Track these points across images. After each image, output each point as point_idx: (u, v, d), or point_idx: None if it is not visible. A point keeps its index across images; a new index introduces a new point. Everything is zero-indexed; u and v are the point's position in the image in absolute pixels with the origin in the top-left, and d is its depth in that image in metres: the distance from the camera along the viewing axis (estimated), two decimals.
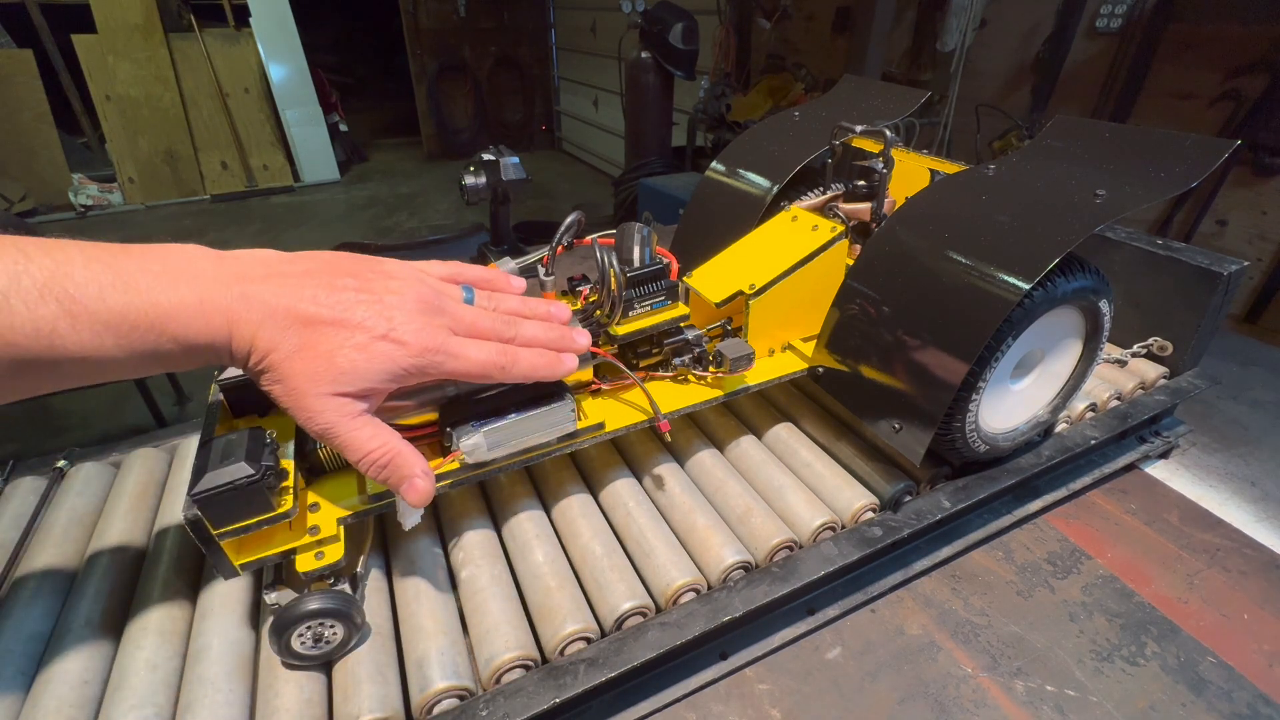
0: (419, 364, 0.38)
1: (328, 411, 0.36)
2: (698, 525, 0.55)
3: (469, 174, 1.95)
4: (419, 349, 0.38)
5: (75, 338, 0.31)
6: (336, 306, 0.36)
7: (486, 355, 0.41)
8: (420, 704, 0.42)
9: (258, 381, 0.37)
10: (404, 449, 0.39)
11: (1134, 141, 0.60)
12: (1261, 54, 1.90)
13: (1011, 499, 0.67)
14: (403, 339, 0.37)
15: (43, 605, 0.48)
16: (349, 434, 0.37)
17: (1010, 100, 2.57)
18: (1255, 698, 0.51)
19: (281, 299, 0.35)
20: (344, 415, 0.37)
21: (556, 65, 5.98)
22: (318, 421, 0.36)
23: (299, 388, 0.36)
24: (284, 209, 4.52)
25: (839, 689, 0.51)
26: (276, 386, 0.36)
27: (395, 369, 0.37)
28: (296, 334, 0.35)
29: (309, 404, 0.36)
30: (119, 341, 0.32)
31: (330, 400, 0.36)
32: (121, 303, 0.31)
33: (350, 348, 0.36)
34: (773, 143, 0.78)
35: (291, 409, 0.37)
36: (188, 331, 0.33)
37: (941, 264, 0.53)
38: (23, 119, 3.91)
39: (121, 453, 0.65)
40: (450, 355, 0.39)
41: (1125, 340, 0.80)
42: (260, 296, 0.35)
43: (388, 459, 0.39)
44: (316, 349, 0.35)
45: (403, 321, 0.37)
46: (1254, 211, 2.02)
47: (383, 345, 0.37)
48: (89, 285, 0.31)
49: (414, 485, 0.40)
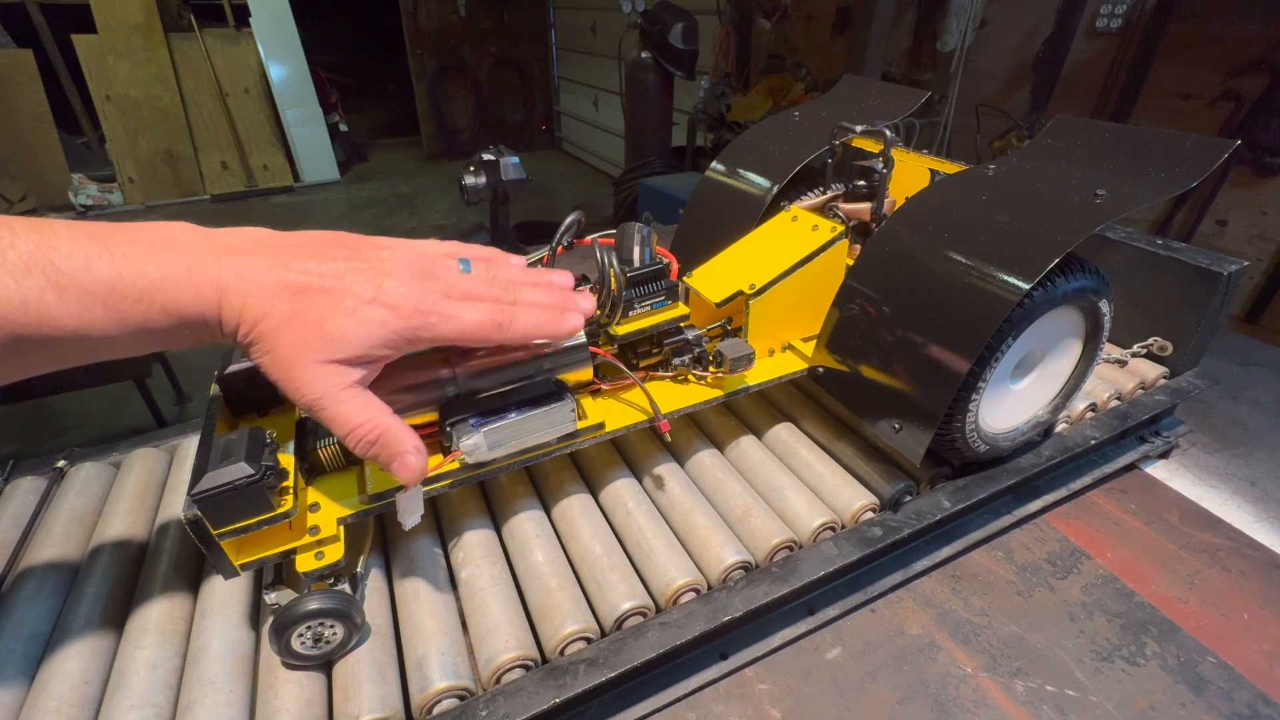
0: (411, 326, 0.37)
1: (318, 381, 0.35)
2: (698, 525, 0.55)
3: (469, 174, 1.95)
4: (410, 310, 0.37)
5: (64, 310, 0.30)
6: (327, 275, 0.36)
7: (482, 315, 0.40)
8: (420, 704, 0.42)
9: (248, 354, 0.36)
10: (394, 424, 0.38)
11: (1134, 141, 0.60)
12: (1261, 54, 1.90)
13: (1011, 499, 0.67)
14: (393, 302, 0.36)
15: (43, 605, 0.48)
16: (337, 406, 0.36)
17: (1010, 100, 2.57)
18: (1255, 698, 0.51)
19: (271, 268, 0.35)
20: (333, 386, 0.36)
21: (556, 65, 5.98)
22: (307, 393, 0.35)
23: (289, 357, 0.35)
24: (284, 209, 4.52)
25: (839, 689, 0.51)
26: (266, 358, 0.35)
27: (386, 333, 0.36)
28: (286, 302, 0.35)
29: (299, 374, 0.35)
30: (108, 313, 0.31)
31: (321, 369, 0.35)
32: (109, 273, 0.31)
33: (340, 313, 0.35)
34: (773, 143, 0.78)
35: (281, 381, 0.36)
36: (177, 301, 0.33)
37: (941, 264, 0.53)
38: (23, 119, 3.90)
39: (121, 453, 0.65)
40: (444, 317, 0.38)
41: (1125, 340, 0.80)
42: (249, 267, 0.34)
43: (376, 434, 0.38)
44: (306, 316, 0.35)
45: (394, 286, 0.37)
46: (1254, 211, 2.02)
47: (373, 309, 0.36)
48: (74, 257, 0.31)
49: (405, 462, 0.39)
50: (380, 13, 5.97)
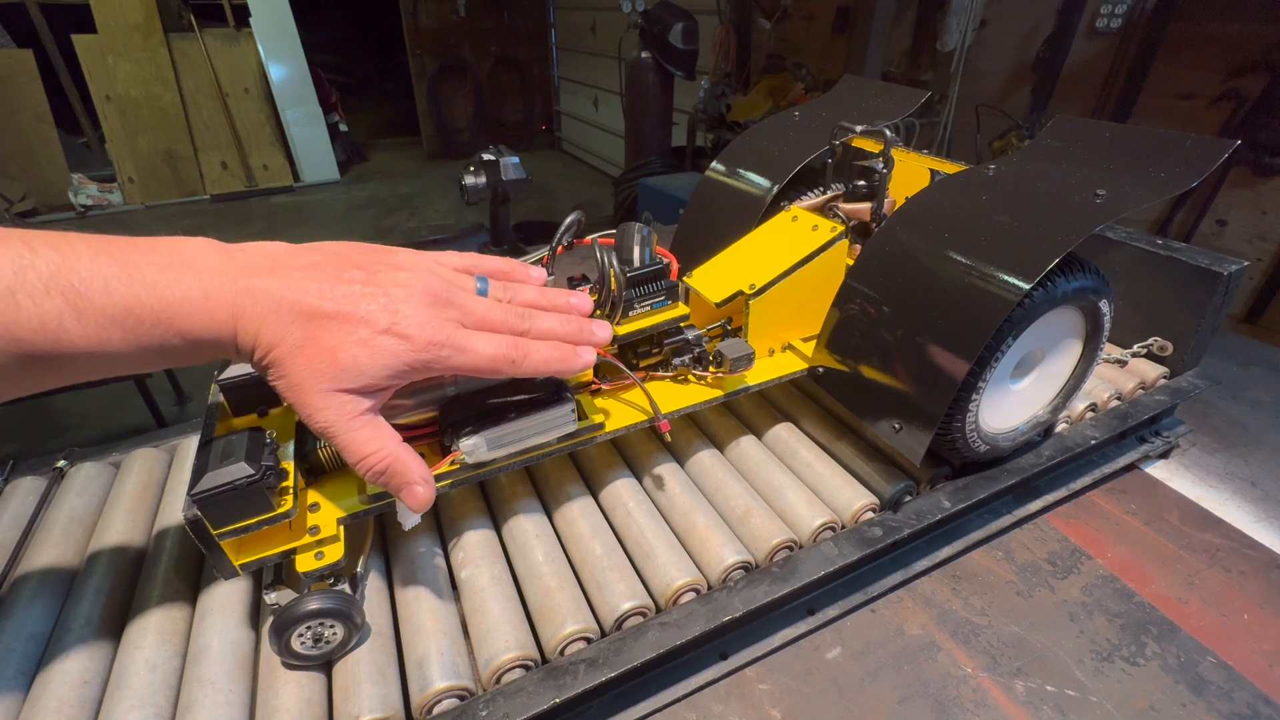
0: (424, 359, 0.37)
1: (329, 409, 0.36)
2: (698, 525, 0.55)
3: (469, 174, 1.95)
4: (424, 343, 0.37)
5: (81, 332, 0.31)
6: (341, 300, 0.36)
7: (496, 349, 0.40)
8: (420, 704, 0.42)
9: (264, 376, 0.37)
10: (402, 454, 0.39)
11: (1134, 141, 0.60)
12: (1261, 54, 1.90)
13: (1011, 499, 0.67)
14: (407, 333, 0.36)
15: (42, 605, 0.48)
16: (349, 434, 0.37)
17: (1010, 100, 2.57)
18: (1255, 698, 0.51)
19: (287, 292, 0.35)
20: (345, 414, 0.36)
21: (556, 65, 5.98)
22: (318, 419, 0.36)
23: (301, 384, 0.35)
24: (284, 209, 4.52)
25: (839, 689, 0.51)
26: (280, 382, 0.36)
27: (399, 364, 0.37)
28: (300, 328, 0.35)
29: (311, 400, 0.36)
30: (125, 336, 0.32)
31: (332, 397, 0.36)
32: (127, 296, 0.31)
33: (353, 343, 0.35)
34: (773, 143, 0.78)
35: (294, 405, 0.36)
36: (193, 326, 0.33)
37: (941, 264, 0.53)
38: (23, 119, 3.91)
39: (121, 453, 0.65)
40: (458, 349, 0.38)
41: (1125, 340, 0.80)
42: (265, 290, 0.35)
43: (385, 465, 0.38)
44: (320, 344, 0.35)
45: (408, 315, 0.37)
46: (1254, 211, 2.02)
47: (386, 340, 0.36)
48: (94, 279, 0.31)
49: (413, 492, 0.39)
50: (380, 13, 5.97)
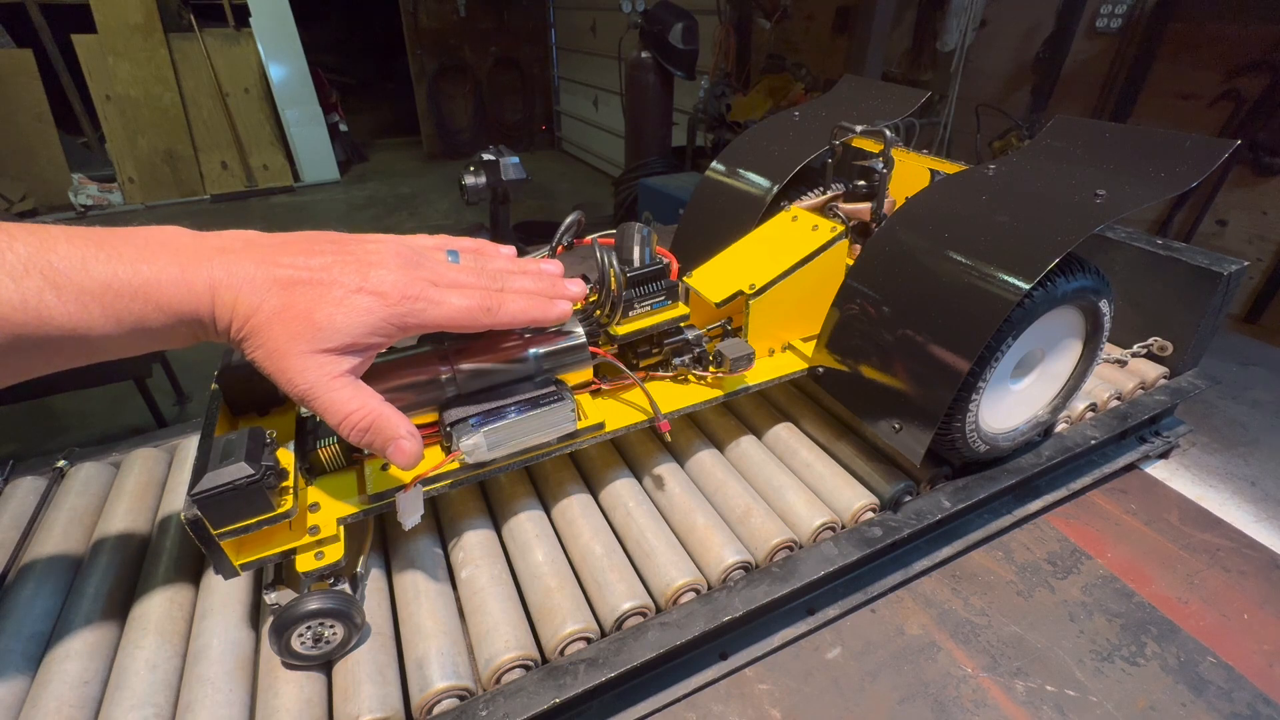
0: (398, 312, 0.38)
1: (309, 371, 0.36)
2: (698, 525, 0.55)
3: (469, 174, 1.95)
4: (398, 297, 0.38)
5: (62, 309, 0.31)
6: (315, 268, 0.37)
7: (469, 300, 0.40)
8: (420, 704, 0.42)
9: (242, 350, 0.37)
10: (386, 410, 0.39)
11: (1134, 141, 0.60)
12: (1261, 54, 1.91)
13: (1011, 499, 0.67)
14: (380, 289, 0.37)
15: (42, 605, 0.48)
16: (329, 395, 0.37)
17: (1010, 100, 2.57)
18: (1255, 698, 0.51)
19: (261, 265, 0.36)
20: (325, 374, 0.37)
21: (556, 65, 5.97)
22: (298, 383, 0.36)
23: (279, 349, 0.36)
24: (284, 209, 4.52)
25: (839, 689, 0.51)
26: (259, 352, 0.36)
27: (375, 320, 0.37)
28: (276, 296, 0.36)
29: (290, 364, 0.36)
30: (105, 312, 0.32)
31: (311, 358, 0.36)
32: (105, 272, 0.32)
33: (328, 303, 0.36)
34: (773, 143, 0.78)
35: (274, 374, 0.36)
36: (172, 300, 0.34)
37: (941, 264, 0.53)
38: (23, 119, 3.90)
39: (121, 453, 0.65)
40: (431, 302, 0.39)
41: (1125, 340, 0.80)
42: (240, 265, 0.35)
43: (369, 421, 0.38)
44: (296, 308, 0.36)
45: (381, 274, 0.38)
46: (1254, 211, 2.02)
47: (360, 298, 0.37)
48: (72, 258, 0.32)
49: (400, 447, 0.39)
50: (380, 13, 5.97)
